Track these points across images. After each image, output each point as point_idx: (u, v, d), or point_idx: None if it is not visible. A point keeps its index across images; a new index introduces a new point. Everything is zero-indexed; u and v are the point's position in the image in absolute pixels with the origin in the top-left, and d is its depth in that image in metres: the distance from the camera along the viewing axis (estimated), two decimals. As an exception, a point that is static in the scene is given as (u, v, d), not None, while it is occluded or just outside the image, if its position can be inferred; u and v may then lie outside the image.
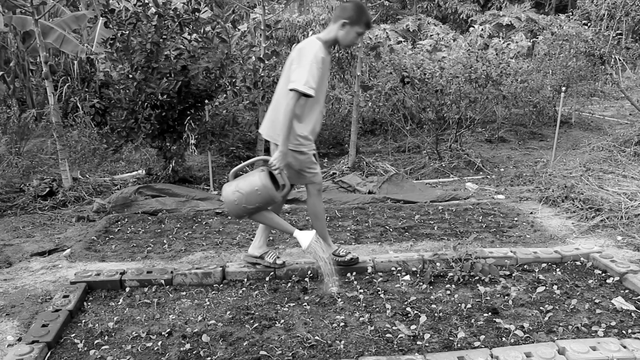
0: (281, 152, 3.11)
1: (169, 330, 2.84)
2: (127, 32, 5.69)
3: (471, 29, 15.24)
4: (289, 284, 3.43)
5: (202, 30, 6.00)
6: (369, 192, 5.96)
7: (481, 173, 7.00)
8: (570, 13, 12.92)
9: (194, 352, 2.62)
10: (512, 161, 7.61)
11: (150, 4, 5.83)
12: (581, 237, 4.39)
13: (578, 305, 3.04)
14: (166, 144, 6.29)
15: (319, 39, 3.19)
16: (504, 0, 22.66)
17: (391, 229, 4.62)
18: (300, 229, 4.63)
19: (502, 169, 7.15)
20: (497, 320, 2.86)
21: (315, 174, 3.43)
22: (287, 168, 3.28)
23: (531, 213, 5.06)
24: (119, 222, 4.93)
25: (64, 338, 2.79)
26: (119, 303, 3.20)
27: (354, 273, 3.52)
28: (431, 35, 16.10)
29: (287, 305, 3.13)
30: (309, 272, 3.51)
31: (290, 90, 3.04)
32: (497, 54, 7.63)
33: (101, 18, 8.03)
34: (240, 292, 3.33)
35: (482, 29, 14.71)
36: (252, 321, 2.92)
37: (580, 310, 3.00)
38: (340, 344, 2.64)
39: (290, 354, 2.59)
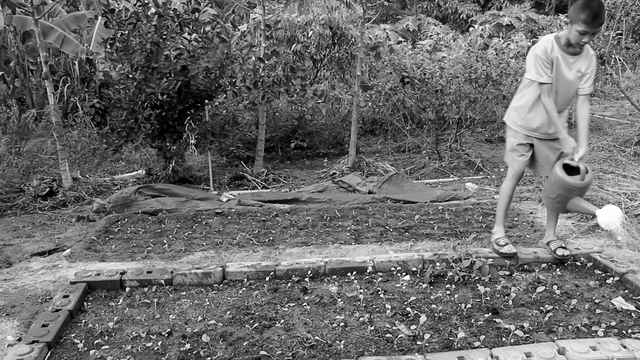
0: (562, 139, 3.33)
1: (169, 330, 2.84)
2: (127, 32, 5.69)
3: (471, 29, 15.25)
4: (289, 284, 3.42)
5: (202, 30, 6.00)
6: (369, 192, 5.96)
7: (481, 173, 7.00)
8: (570, 13, 12.89)
9: (194, 352, 2.62)
10: (512, 161, 7.60)
11: (150, 4, 5.84)
12: (581, 237, 4.39)
13: (578, 305, 3.04)
14: (166, 144, 6.29)
15: (554, 35, 3.47)
16: (504, 0, 22.64)
17: (391, 229, 4.62)
18: (300, 229, 4.68)
19: (502, 169, 7.14)
20: (497, 320, 2.86)
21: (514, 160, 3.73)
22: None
23: (531, 213, 5.06)
24: (119, 222, 4.93)
25: (64, 338, 2.79)
26: (119, 303, 3.20)
27: (354, 273, 3.53)
28: (431, 35, 16.11)
29: (287, 305, 3.12)
30: (309, 272, 3.51)
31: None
32: (497, 54, 7.64)
33: (100, 18, 8.04)
34: (240, 292, 3.33)
35: (482, 29, 14.71)
36: (252, 321, 2.92)
37: (580, 310, 3.00)
38: (340, 344, 2.64)
39: (290, 354, 2.59)
